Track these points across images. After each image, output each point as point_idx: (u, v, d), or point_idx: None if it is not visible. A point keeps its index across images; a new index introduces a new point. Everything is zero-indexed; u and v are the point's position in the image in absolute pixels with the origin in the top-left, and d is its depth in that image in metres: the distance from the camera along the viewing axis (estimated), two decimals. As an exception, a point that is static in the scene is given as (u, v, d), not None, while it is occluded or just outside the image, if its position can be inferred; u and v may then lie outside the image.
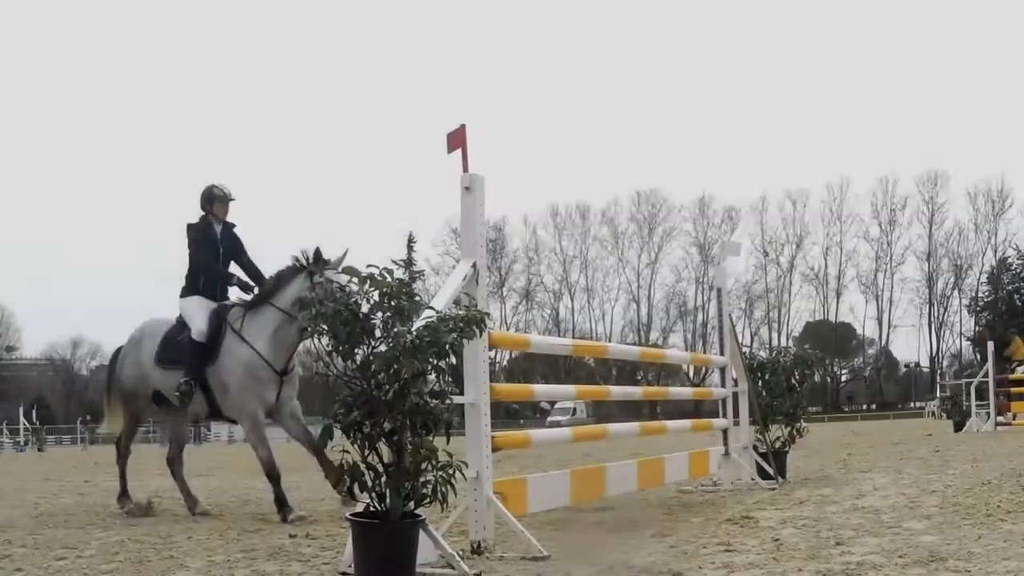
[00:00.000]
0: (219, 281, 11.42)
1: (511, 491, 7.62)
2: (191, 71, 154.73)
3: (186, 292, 11.33)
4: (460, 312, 6.22)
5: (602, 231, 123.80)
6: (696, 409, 72.37)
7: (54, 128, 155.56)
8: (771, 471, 12.15)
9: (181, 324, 11.20)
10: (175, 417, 11.81)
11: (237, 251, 11.52)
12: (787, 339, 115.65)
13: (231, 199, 11.55)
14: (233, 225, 11.59)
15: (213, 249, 11.39)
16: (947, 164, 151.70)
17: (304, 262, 10.66)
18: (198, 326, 10.88)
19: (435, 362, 5.96)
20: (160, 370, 11.18)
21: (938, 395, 51.18)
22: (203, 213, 11.46)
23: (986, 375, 28.51)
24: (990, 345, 28.68)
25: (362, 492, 5.81)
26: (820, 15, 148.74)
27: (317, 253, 10.58)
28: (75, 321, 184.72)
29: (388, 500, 5.80)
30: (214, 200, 11.43)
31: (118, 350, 12.15)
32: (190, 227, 11.42)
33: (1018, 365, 29.05)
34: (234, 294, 11.47)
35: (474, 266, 7.42)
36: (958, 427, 29.22)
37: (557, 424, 76.91)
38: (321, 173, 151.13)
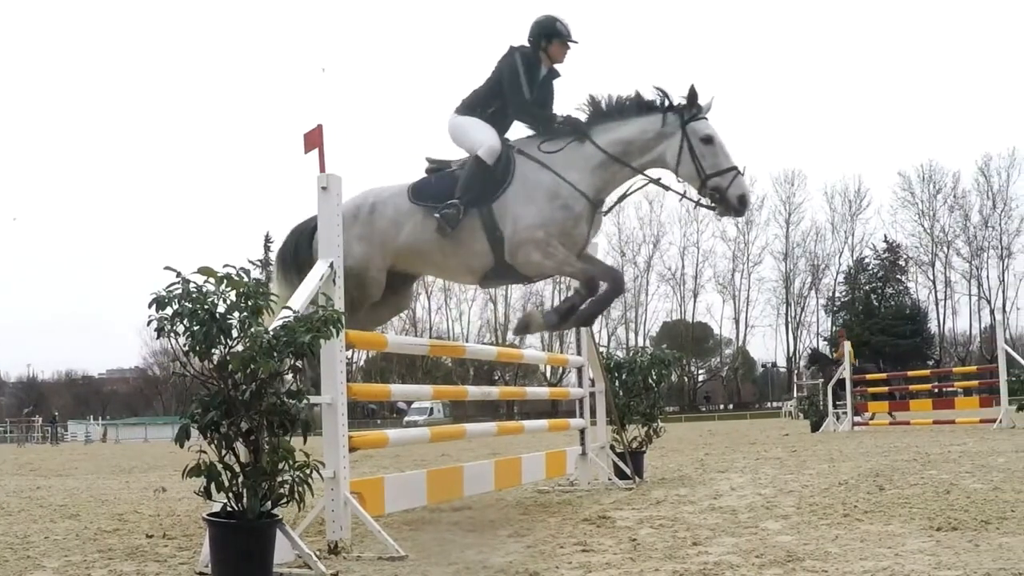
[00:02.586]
0: (533, 126, 9.46)
1: (368, 491, 7.64)
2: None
3: (461, 112, 9.48)
4: (317, 312, 6.24)
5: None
6: (553, 409, 73.10)
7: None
8: (628, 471, 12.22)
9: (442, 168, 9.48)
10: (401, 297, 10.06)
11: (544, 107, 9.55)
12: (644, 339, 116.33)
13: (573, 41, 9.52)
14: (558, 75, 9.66)
15: (530, 90, 9.40)
16: (804, 164, 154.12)
17: (665, 97, 8.97)
18: (487, 142, 9.10)
19: (292, 362, 5.98)
20: (421, 214, 9.17)
21: (795, 395, 51.87)
22: (531, 45, 9.48)
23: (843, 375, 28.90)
24: (846, 345, 29.16)
25: (219, 492, 5.80)
26: (685, 15, 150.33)
27: (693, 93, 8.83)
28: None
29: (245, 500, 5.80)
30: (553, 36, 9.44)
31: (298, 232, 9.89)
32: (516, 50, 9.44)
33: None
34: None
35: (331, 266, 7.43)
36: (815, 427, 29.61)
37: (414, 424, 76.94)
38: (177, 173, 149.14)
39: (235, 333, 5.85)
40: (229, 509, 5.82)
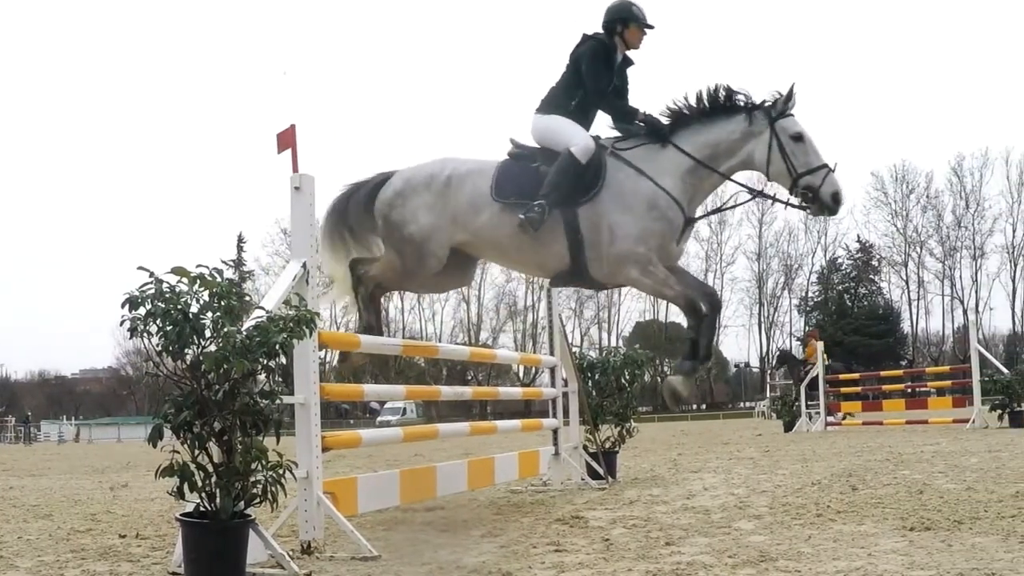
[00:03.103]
0: (612, 115, 9.17)
1: (341, 491, 7.62)
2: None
3: (544, 110, 9.12)
4: (290, 312, 6.23)
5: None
6: (526, 409, 73.06)
7: None
8: (601, 471, 12.23)
9: (529, 158, 9.00)
10: (465, 273, 9.81)
11: (621, 96, 9.30)
12: (617, 339, 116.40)
13: (649, 26, 9.16)
14: (632, 63, 9.34)
15: (608, 78, 9.09)
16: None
17: (748, 99, 8.73)
18: (581, 140, 8.72)
19: (265, 362, 5.96)
20: (499, 207, 8.81)
21: (768, 395, 51.99)
22: (605, 32, 9.15)
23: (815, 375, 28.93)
24: (819, 345, 29.19)
25: (192, 492, 5.79)
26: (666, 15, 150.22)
27: (791, 92, 8.59)
28: None
29: (218, 500, 5.79)
30: (629, 21, 9.08)
31: (352, 191, 9.62)
32: (590, 38, 9.12)
33: (813, 366, 29.58)
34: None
35: (304, 266, 7.41)
36: (788, 427, 29.65)
37: (387, 424, 76.88)
38: (150, 173, 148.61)
39: (208, 333, 5.84)
40: (202, 509, 5.81)
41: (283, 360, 6.33)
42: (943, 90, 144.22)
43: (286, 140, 7.68)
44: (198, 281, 5.92)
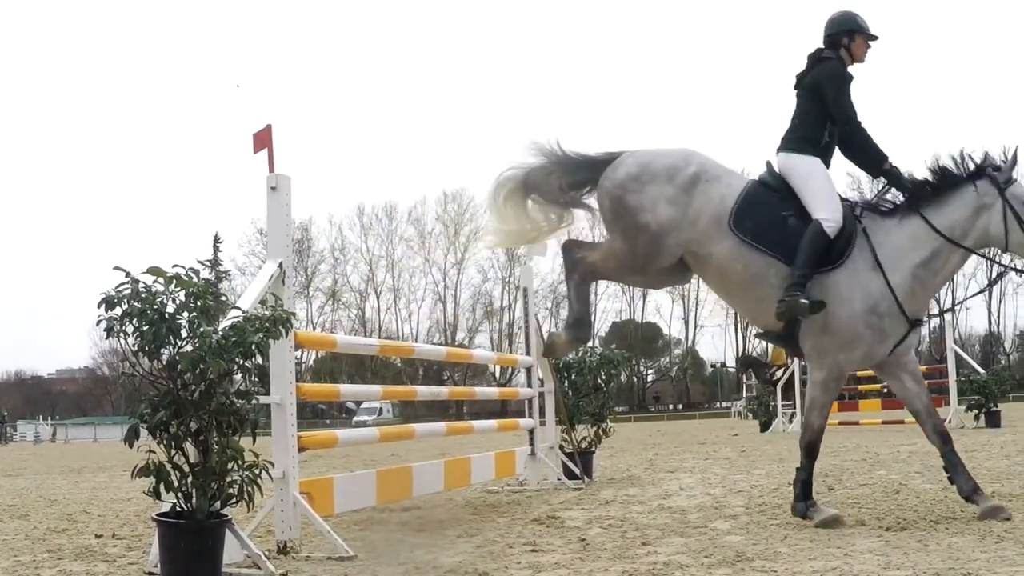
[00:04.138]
0: (861, 155, 8.31)
1: (317, 491, 7.61)
2: None
3: (798, 147, 8.14)
4: (266, 312, 6.21)
5: (408, 231, 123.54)
6: (503, 409, 73.14)
7: None
8: (577, 471, 12.25)
9: (778, 194, 8.08)
10: (675, 274, 8.69)
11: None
12: (593, 339, 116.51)
13: (874, 37, 8.35)
14: (852, 78, 8.27)
15: (853, 103, 8.14)
16: (755, 164, 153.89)
17: (975, 163, 7.98)
18: (832, 214, 7.83)
19: (241, 362, 5.95)
20: (735, 240, 7.93)
21: (744, 395, 52.03)
22: (829, 47, 8.30)
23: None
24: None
25: (168, 492, 5.77)
26: (625, 13, 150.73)
27: (1015, 157, 7.92)
28: None
29: (194, 500, 5.78)
30: (855, 32, 8.25)
31: (552, 160, 8.73)
32: (824, 58, 8.22)
33: (778, 369, 29.61)
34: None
35: (280, 266, 7.39)
36: (764, 427, 29.73)
37: (363, 424, 76.78)
38: (127, 173, 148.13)
39: (184, 333, 5.82)
40: (178, 509, 5.80)
41: (259, 360, 6.33)
42: (921, 90, 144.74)
43: (262, 140, 7.66)
44: (174, 281, 5.91)
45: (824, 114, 8.11)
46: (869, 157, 8.25)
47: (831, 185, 8.00)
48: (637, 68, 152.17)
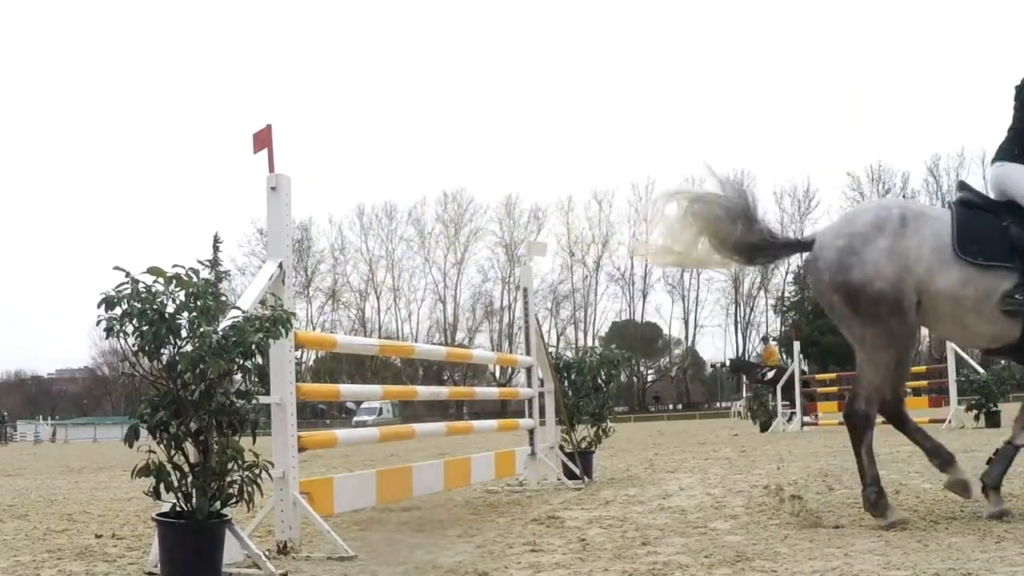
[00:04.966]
0: None
1: (317, 491, 7.61)
2: None
3: (1016, 157, 7.85)
4: (266, 312, 6.21)
5: (408, 231, 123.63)
6: (503, 409, 73.12)
7: None
8: (577, 471, 12.23)
9: (987, 210, 7.72)
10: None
11: None
12: (593, 339, 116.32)
13: None
14: None
15: None
16: (753, 164, 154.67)
17: None
18: None
19: (241, 362, 5.95)
20: (962, 265, 7.43)
21: (744, 395, 52.07)
22: None
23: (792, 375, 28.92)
24: (796, 345, 29.19)
25: (168, 492, 5.77)
26: (623, 17, 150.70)
27: None
28: None
29: (194, 500, 5.77)
30: None
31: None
32: None
33: (770, 370, 29.57)
34: None
35: (280, 266, 7.39)
36: (764, 427, 29.72)
37: (363, 424, 76.79)
38: (127, 173, 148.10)
39: (184, 333, 5.82)
40: (178, 509, 5.80)
41: (259, 360, 6.32)
42: (919, 90, 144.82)
43: (262, 140, 7.65)
44: (174, 281, 5.90)
45: None
46: None
47: None
48: (637, 68, 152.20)
